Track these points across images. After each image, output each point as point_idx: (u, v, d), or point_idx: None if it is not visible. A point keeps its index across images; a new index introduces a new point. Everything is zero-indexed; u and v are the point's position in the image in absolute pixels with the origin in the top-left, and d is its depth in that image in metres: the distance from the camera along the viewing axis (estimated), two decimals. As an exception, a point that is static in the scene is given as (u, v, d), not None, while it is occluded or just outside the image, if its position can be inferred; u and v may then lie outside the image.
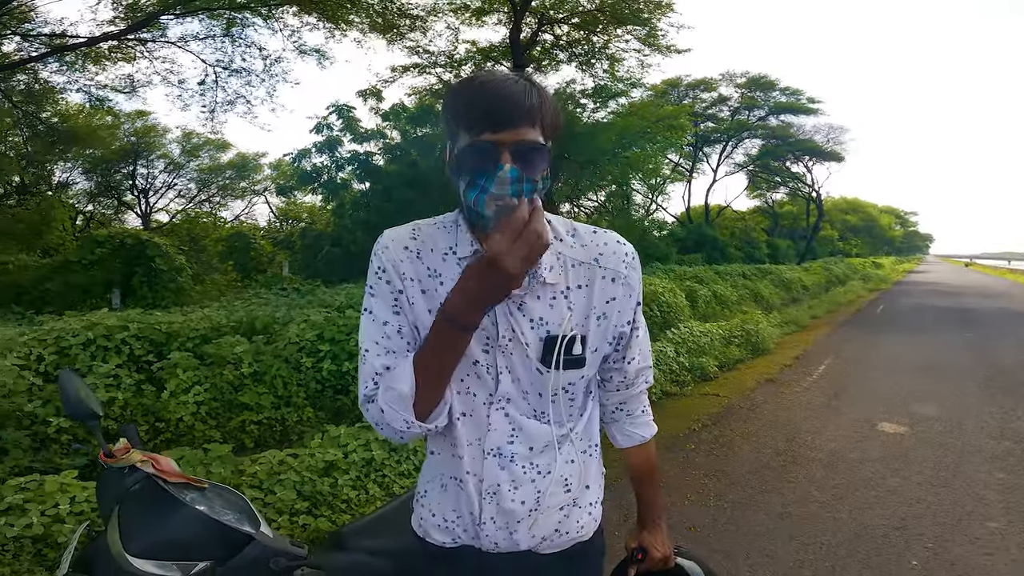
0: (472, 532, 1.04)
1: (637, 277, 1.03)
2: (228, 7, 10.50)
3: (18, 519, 2.51)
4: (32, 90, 12.33)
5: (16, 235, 8.16)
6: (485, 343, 0.96)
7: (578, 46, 13.02)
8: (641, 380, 1.12)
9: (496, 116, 0.84)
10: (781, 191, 30.97)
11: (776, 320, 10.52)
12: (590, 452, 1.09)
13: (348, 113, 11.91)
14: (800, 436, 4.65)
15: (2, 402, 3.28)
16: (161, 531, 1.22)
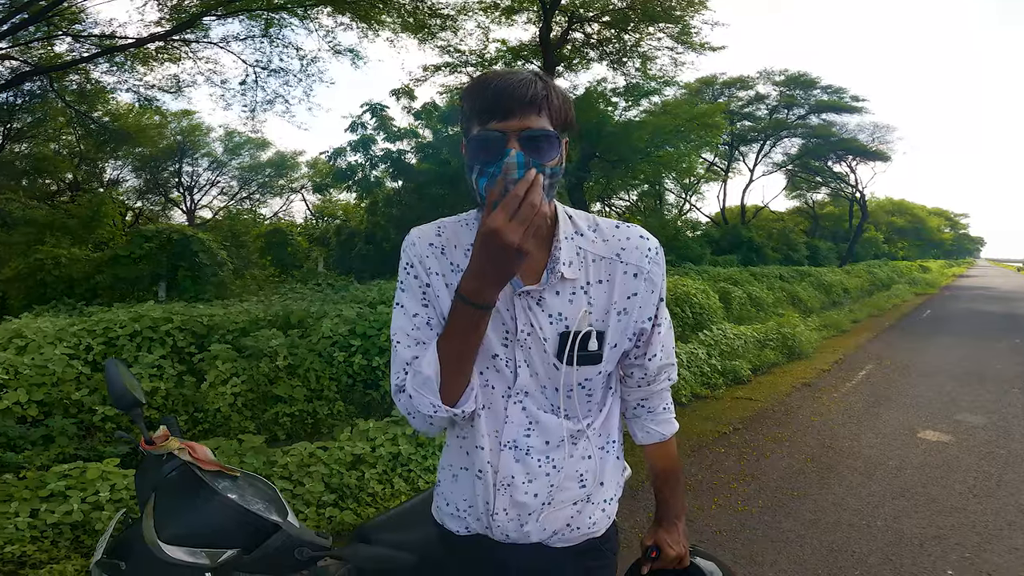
0: (484, 522, 1.06)
1: (660, 272, 1.02)
2: (266, 7, 10.81)
3: (59, 505, 2.63)
4: (84, 90, 12.92)
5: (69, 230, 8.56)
6: (504, 337, 0.98)
7: (609, 44, 12.86)
8: (663, 377, 1.12)
9: (502, 106, 0.87)
10: (822, 191, 29.98)
11: (815, 324, 10.21)
12: (607, 449, 1.09)
13: (381, 112, 12.09)
14: (837, 442, 4.51)
15: (51, 390, 3.44)
16: (192, 518, 1.26)
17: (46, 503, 2.65)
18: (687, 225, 22.15)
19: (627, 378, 1.12)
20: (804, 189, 29.62)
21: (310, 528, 1.37)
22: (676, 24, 11.83)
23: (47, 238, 8.04)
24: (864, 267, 21.53)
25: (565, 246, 0.97)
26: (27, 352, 3.59)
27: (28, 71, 11.11)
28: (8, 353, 3.53)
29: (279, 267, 11.89)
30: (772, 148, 24.31)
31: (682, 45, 12.38)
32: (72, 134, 15.33)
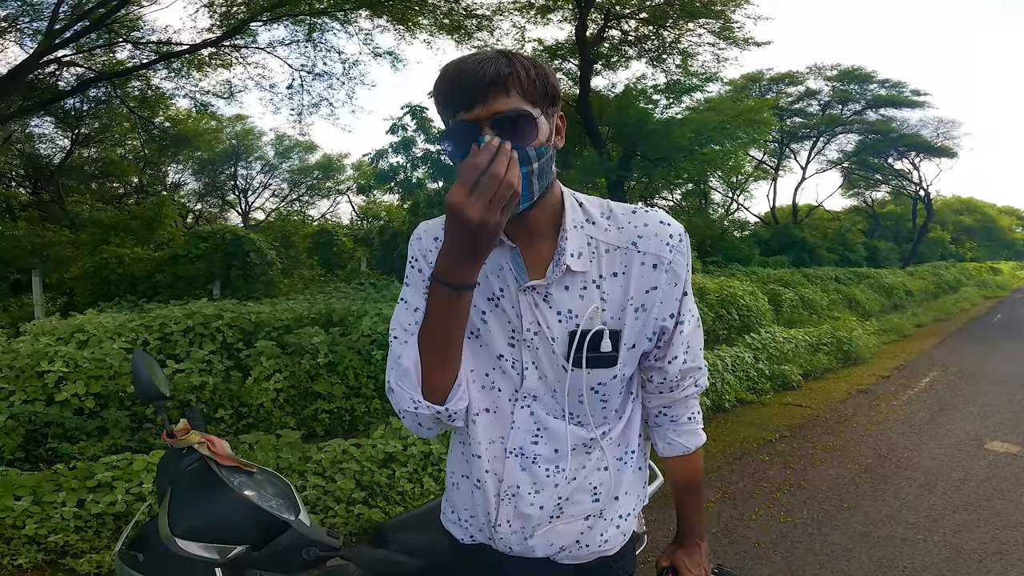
0: (487, 533, 1.00)
1: (684, 262, 0.91)
2: (308, 12, 11.17)
3: (104, 496, 2.74)
4: (146, 96, 13.71)
5: (132, 231, 9.07)
6: (511, 336, 0.91)
7: (648, 41, 12.60)
8: (688, 383, 1.00)
9: (464, 94, 0.79)
10: (882, 189, 28.51)
11: (873, 328, 9.69)
12: (625, 460, 1.01)
13: (421, 114, 12.27)
14: (894, 453, 4.26)
15: (108, 383, 3.62)
16: (205, 513, 1.28)
17: (93, 493, 2.76)
18: (734, 225, 21.47)
19: (647, 383, 1.01)
20: (862, 187, 28.26)
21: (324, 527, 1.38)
22: (717, 19, 11.48)
23: (112, 238, 8.54)
24: (929, 269, 20.33)
25: (573, 236, 0.88)
26: (88, 346, 3.81)
27: (93, 77, 11.87)
28: (70, 347, 3.75)
29: (325, 267, 12.23)
30: (826, 145, 23.30)
31: (724, 41, 12.01)
32: (136, 139, 16.28)
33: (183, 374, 3.79)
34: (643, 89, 12.97)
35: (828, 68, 19.98)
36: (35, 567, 2.56)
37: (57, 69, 11.84)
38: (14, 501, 2.69)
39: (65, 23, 10.13)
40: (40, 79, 11.65)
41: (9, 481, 2.80)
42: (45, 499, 2.73)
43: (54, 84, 12.17)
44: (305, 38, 12.07)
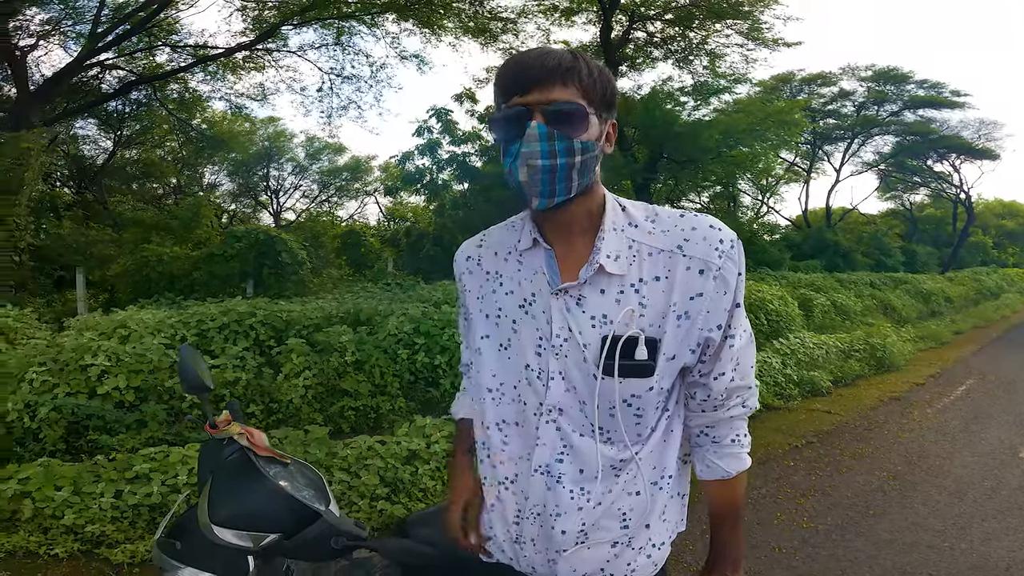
0: (511, 552, 0.97)
1: (735, 270, 0.84)
2: (336, 16, 11.42)
3: (141, 487, 2.83)
4: (184, 99, 14.22)
5: (171, 230, 9.42)
6: (538, 344, 0.87)
7: (673, 42, 12.49)
8: (735, 402, 0.92)
9: (523, 79, 0.79)
10: (921, 192, 27.58)
11: (909, 335, 9.42)
12: (661, 485, 0.93)
13: (446, 116, 12.39)
14: (925, 460, 4.17)
15: (147, 377, 3.74)
16: (243, 501, 1.34)
17: (130, 485, 2.85)
18: (764, 228, 21.04)
19: (689, 399, 0.94)
20: (900, 190, 27.38)
21: (351, 518, 1.43)
22: (745, 20, 11.31)
23: (153, 238, 8.88)
24: (969, 274, 19.56)
25: (611, 237, 0.84)
26: (129, 341, 3.97)
27: (134, 80, 12.35)
28: (112, 342, 3.91)
29: (353, 267, 12.45)
30: (861, 147, 22.65)
31: (753, 42, 11.82)
32: (174, 140, 16.86)
33: (218, 370, 3.91)
34: (669, 91, 12.86)
35: (862, 69, 19.46)
36: (71, 557, 2.65)
37: (100, 72, 12.37)
38: (55, 491, 2.78)
39: (107, 27, 10.55)
40: (83, 82, 12.18)
41: (51, 472, 2.90)
42: (84, 490, 2.82)
43: (97, 87, 12.71)
44: (334, 41, 12.35)
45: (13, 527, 2.77)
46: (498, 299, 0.93)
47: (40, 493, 2.78)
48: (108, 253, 8.96)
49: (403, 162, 12.99)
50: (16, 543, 2.69)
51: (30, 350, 3.89)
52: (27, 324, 5.36)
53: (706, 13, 11.30)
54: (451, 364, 4.47)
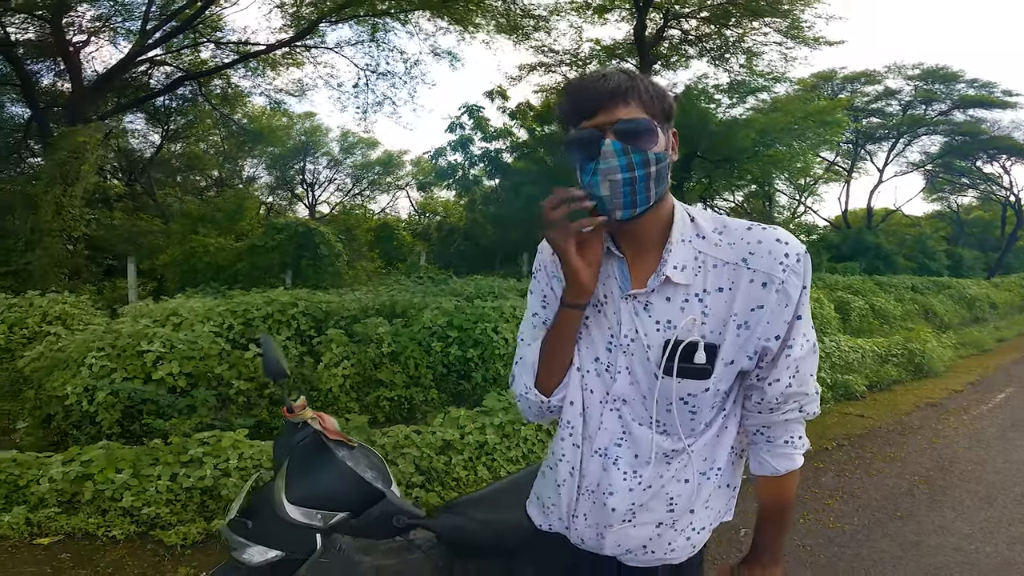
0: (565, 522, 1.06)
1: (799, 284, 0.88)
2: (371, 13, 11.63)
3: (194, 471, 2.92)
4: (226, 94, 14.69)
5: (216, 222, 9.78)
6: (609, 340, 0.96)
7: (709, 40, 12.27)
8: (791, 407, 0.96)
9: (587, 104, 0.87)
10: (969, 194, 26.48)
11: (951, 341, 9.16)
12: (709, 476, 1.00)
13: (478, 113, 12.49)
14: (958, 466, 4.13)
15: (198, 364, 3.86)
16: (317, 482, 1.43)
17: (185, 468, 2.94)
18: (801, 229, 20.57)
19: (746, 400, 0.99)
20: (947, 191, 26.33)
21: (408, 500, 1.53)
22: (784, 18, 11.03)
23: (199, 229, 9.24)
24: (1017, 280, 18.74)
25: (678, 249, 0.90)
26: (181, 329, 4.16)
27: (181, 76, 12.82)
28: (166, 329, 4.10)
29: (385, 260, 12.69)
30: (907, 147, 21.86)
31: (792, 40, 11.51)
32: (217, 135, 17.43)
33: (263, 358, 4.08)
34: (704, 88, 12.68)
35: (909, 67, 18.78)
36: (127, 538, 2.75)
37: (149, 68, 12.88)
38: (115, 473, 2.88)
39: (156, 24, 10.98)
40: (133, 78, 12.70)
41: (112, 455, 2.99)
42: (143, 472, 2.92)
43: (145, 83, 13.23)
44: (369, 38, 12.58)
45: (73, 509, 2.88)
46: None
47: (101, 475, 2.87)
48: (157, 243, 9.37)
49: (436, 157, 13.18)
50: (75, 524, 2.78)
51: (89, 336, 4.08)
52: (83, 311, 5.68)
53: (743, 11, 11.07)
54: (483, 358, 4.57)
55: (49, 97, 12.03)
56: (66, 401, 3.54)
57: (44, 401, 3.73)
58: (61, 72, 12.16)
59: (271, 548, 1.39)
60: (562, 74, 13.41)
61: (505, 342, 4.61)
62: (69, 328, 5.18)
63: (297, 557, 1.40)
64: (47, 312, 5.26)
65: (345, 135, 22.55)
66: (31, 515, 2.81)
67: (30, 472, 2.97)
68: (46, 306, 5.31)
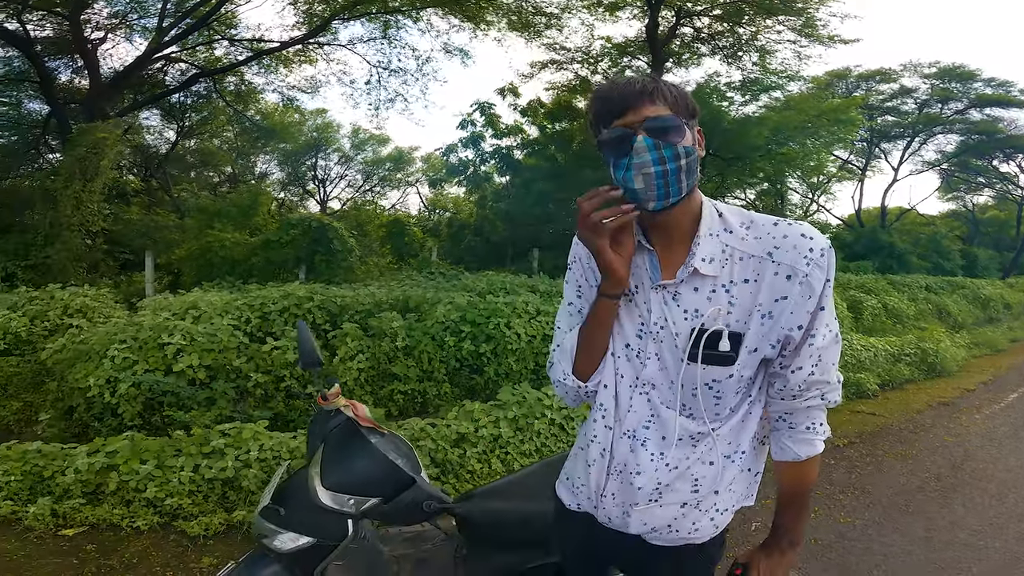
0: (594, 501, 1.11)
1: (822, 277, 0.93)
2: (384, 10, 11.67)
3: (216, 462, 2.94)
4: (240, 91, 14.81)
5: (231, 217, 9.90)
6: (639, 328, 1.02)
7: (722, 38, 12.18)
8: (813, 394, 1.00)
9: (616, 104, 0.92)
10: (985, 193, 26.15)
11: (964, 340, 9.13)
12: (733, 459, 1.04)
13: (489, 110, 12.50)
14: (969, 463, 4.15)
15: (218, 356, 3.89)
16: (352, 468, 1.46)
17: (207, 459, 2.96)
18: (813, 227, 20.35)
19: (770, 387, 1.04)
20: (962, 190, 26.00)
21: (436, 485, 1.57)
22: (798, 17, 10.92)
23: (214, 224, 9.35)
24: (1032, 280, 18.51)
25: (705, 242, 0.95)
26: (200, 321, 4.22)
27: (196, 73, 12.95)
28: (186, 322, 4.16)
29: (396, 255, 12.77)
30: (922, 145, 21.61)
31: (806, 38, 11.39)
32: (230, 131, 17.57)
33: (279, 351, 4.12)
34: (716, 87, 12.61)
35: (926, 65, 18.56)
36: (150, 529, 2.78)
37: (164, 65, 13.02)
38: (140, 464, 2.91)
39: (172, 21, 11.10)
40: (148, 75, 12.85)
41: (137, 446, 3.02)
42: (166, 463, 2.94)
43: (161, 79, 13.38)
44: (381, 35, 12.63)
45: (98, 500, 2.90)
46: None
47: (126, 466, 2.91)
48: (173, 238, 9.50)
49: (447, 154, 13.21)
50: (100, 515, 2.81)
51: (111, 328, 4.12)
52: (103, 303, 5.78)
53: (756, 9, 10.96)
54: (495, 352, 4.61)
55: (67, 94, 12.19)
56: (88, 393, 3.56)
57: (66, 393, 3.76)
58: (78, 69, 12.31)
59: (303, 535, 1.41)
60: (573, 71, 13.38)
61: (517, 337, 4.64)
62: (91, 321, 5.26)
63: (328, 543, 1.42)
64: (68, 305, 5.33)
65: (356, 131, 22.68)
66: (56, 506, 2.82)
67: (55, 463, 3.00)
68: (67, 299, 5.38)
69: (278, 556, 1.46)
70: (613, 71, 13.28)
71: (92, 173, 8.43)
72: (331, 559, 1.42)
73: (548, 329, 4.79)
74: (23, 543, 2.65)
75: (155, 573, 2.49)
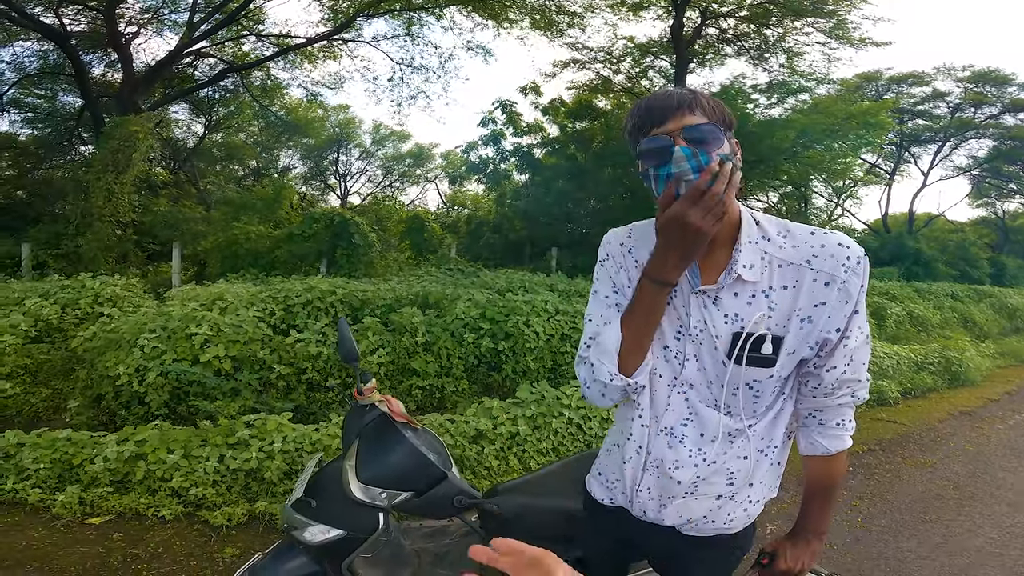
0: (629, 496, 1.14)
1: (858, 283, 0.97)
2: (406, 7, 11.75)
3: (241, 453, 2.96)
4: (266, 86, 15.03)
5: (256, 210, 10.06)
6: (678, 330, 1.04)
7: (748, 39, 12.00)
8: (844, 392, 1.05)
9: (656, 114, 0.96)
10: (1016, 201, 25.46)
11: (989, 350, 8.95)
12: (767, 453, 1.09)
13: (510, 108, 12.51)
14: (989, 473, 4.10)
15: (243, 348, 3.94)
16: (388, 462, 1.48)
17: (232, 450, 3.00)
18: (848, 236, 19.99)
19: (802, 386, 1.08)
20: (993, 197, 25.35)
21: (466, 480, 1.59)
22: (829, 19, 10.71)
23: (240, 216, 9.52)
24: (1064, 290, 17.96)
25: (746, 249, 0.98)
26: (226, 313, 4.30)
27: (225, 68, 13.18)
28: (213, 313, 4.23)
29: (416, 251, 12.86)
30: (953, 150, 21.10)
31: (836, 40, 11.16)
32: (256, 125, 17.86)
33: (302, 344, 4.19)
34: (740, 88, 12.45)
35: (959, 69, 18.13)
36: (175, 519, 2.81)
37: (194, 60, 13.28)
38: (167, 454, 2.95)
39: (203, 16, 11.31)
40: (179, 69, 13.11)
41: (165, 435, 3.06)
42: (192, 453, 2.98)
43: (191, 74, 13.64)
44: (404, 32, 12.72)
45: (125, 489, 2.95)
46: None
47: (154, 455, 2.95)
48: (199, 229, 9.68)
49: (467, 151, 13.25)
50: (127, 504, 2.85)
51: (141, 317, 4.20)
52: (133, 293, 5.90)
53: (785, 10, 10.79)
54: (513, 350, 4.64)
55: (100, 87, 12.50)
56: (118, 381, 3.62)
57: (96, 381, 3.83)
58: (112, 63, 12.63)
59: (334, 527, 1.44)
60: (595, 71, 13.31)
61: (536, 335, 4.66)
62: (121, 310, 5.36)
63: (358, 536, 1.44)
64: (99, 294, 5.41)
65: (377, 127, 22.89)
66: (84, 494, 2.86)
67: (84, 451, 3.04)
68: (98, 288, 5.47)
69: (306, 548, 1.48)
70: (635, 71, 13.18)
71: (124, 165, 8.65)
72: (360, 552, 1.44)
73: (566, 328, 4.80)
74: (50, 531, 2.68)
75: (179, 562, 2.51)
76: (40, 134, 13.99)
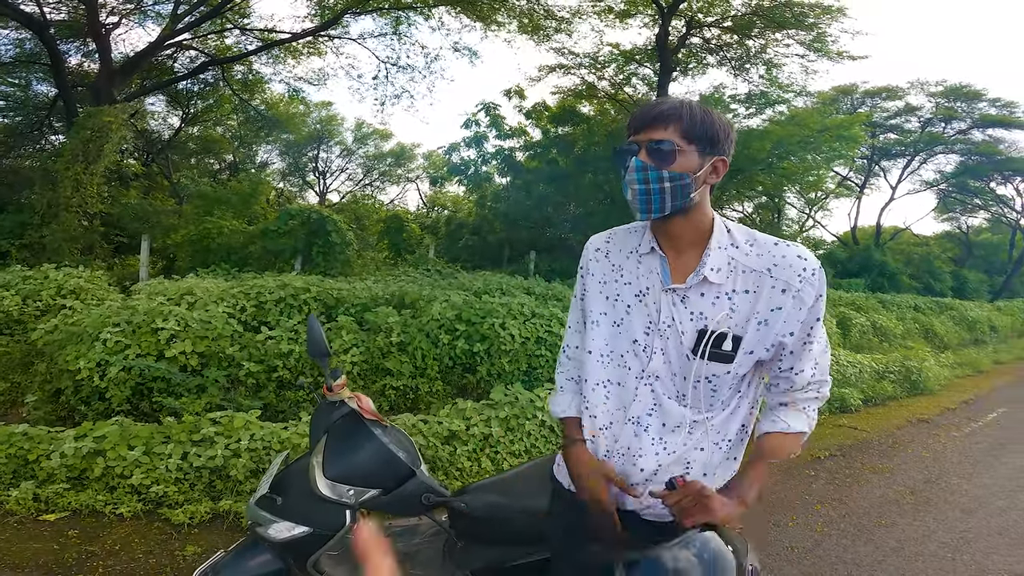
0: None
1: (814, 293, 1.06)
2: (394, 6, 11.69)
3: (205, 450, 2.91)
4: (247, 80, 14.77)
5: (231, 204, 9.87)
6: (647, 326, 1.13)
7: (730, 49, 12.26)
8: (811, 390, 1.16)
9: (637, 121, 1.06)
10: (979, 216, 26.39)
11: (948, 360, 9.30)
12: (720, 445, 1.16)
13: (494, 111, 12.53)
14: (944, 479, 4.26)
15: (211, 344, 3.86)
16: (355, 460, 1.47)
17: (196, 447, 2.93)
18: (808, 243, 20.54)
19: (773, 387, 1.18)
20: (958, 211, 26.25)
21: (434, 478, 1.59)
22: (809, 31, 11.01)
23: (213, 210, 9.32)
24: (1021, 304, 18.70)
25: (715, 254, 1.08)
26: (195, 308, 4.20)
27: (206, 61, 12.92)
28: (181, 308, 4.13)
29: (394, 251, 12.77)
30: (922, 164, 21.78)
31: (815, 53, 11.48)
32: (235, 120, 17.53)
33: (273, 341, 4.12)
34: (720, 98, 12.67)
35: (932, 84, 18.71)
36: (134, 516, 2.75)
37: (174, 52, 12.98)
38: (128, 451, 2.87)
39: (187, 8, 11.07)
40: (158, 61, 12.81)
41: (126, 431, 2.98)
42: (155, 450, 2.91)
43: (170, 66, 13.34)
44: (392, 31, 12.65)
45: (82, 485, 2.87)
46: (618, 287, 1.18)
47: (114, 452, 2.88)
48: (170, 222, 9.46)
49: (449, 152, 13.23)
50: (83, 501, 2.77)
51: (105, 311, 4.06)
52: (97, 286, 5.72)
53: (767, 22, 11.05)
54: (488, 353, 4.64)
55: (75, 77, 12.14)
56: (78, 376, 3.52)
57: (55, 375, 3.71)
58: (89, 53, 12.26)
59: (299, 524, 1.42)
60: (580, 77, 13.41)
61: (512, 338, 4.67)
62: (84, 303, 5.19)
63: (324, 533, 1.43)
64: (62, 285, 5.24)
65: (359, 125, 22.69)
66: (39, 491, 2.79)
67: (40, 447, 2.96)
68: (61, 279, 5.29)
69: (271, 545, 1.47)
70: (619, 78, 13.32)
71: (95, 156, 8.42)
72: (325, 549, 1.43)
73: (542, 331, 4.82)
74: (3, 527, 2.62)
75: (137, 560, 2.47)
76: (11, 123, 13.53)
